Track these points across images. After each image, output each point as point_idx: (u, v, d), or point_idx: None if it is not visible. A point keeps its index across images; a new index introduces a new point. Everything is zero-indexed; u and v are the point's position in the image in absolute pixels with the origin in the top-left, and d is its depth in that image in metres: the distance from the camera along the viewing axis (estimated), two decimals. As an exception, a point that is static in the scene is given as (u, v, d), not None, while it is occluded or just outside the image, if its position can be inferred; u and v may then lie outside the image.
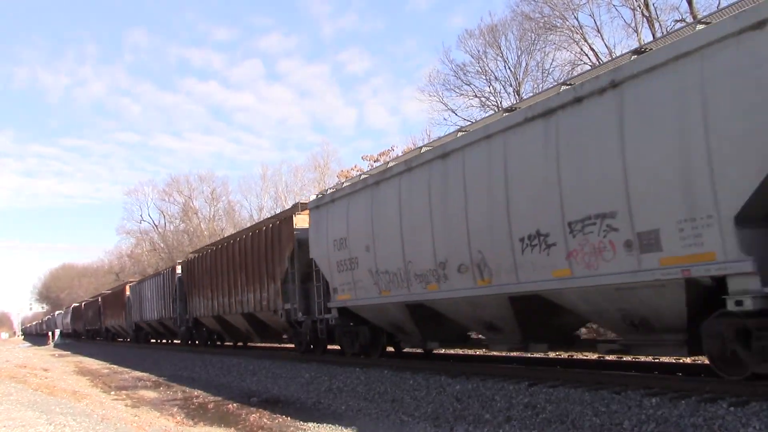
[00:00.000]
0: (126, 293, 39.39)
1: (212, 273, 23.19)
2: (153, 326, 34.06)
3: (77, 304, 67.33)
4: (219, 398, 13.38)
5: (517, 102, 10.36)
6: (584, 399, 7.77)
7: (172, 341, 34.14)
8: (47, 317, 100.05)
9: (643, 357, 10.97)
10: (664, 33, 23.29)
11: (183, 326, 27.87)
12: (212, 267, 23.25)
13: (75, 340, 63.42)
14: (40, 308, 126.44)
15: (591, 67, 9.16)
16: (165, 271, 31.11)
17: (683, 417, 6.50)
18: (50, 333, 69.86)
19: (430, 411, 9.12)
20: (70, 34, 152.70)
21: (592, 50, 26.99)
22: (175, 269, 28.62)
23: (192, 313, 26.13)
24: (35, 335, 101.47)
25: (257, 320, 19.86)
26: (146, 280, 35.42)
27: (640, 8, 25.04)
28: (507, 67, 31.47)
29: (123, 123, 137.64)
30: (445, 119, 34.04)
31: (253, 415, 10.77)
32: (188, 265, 26.94)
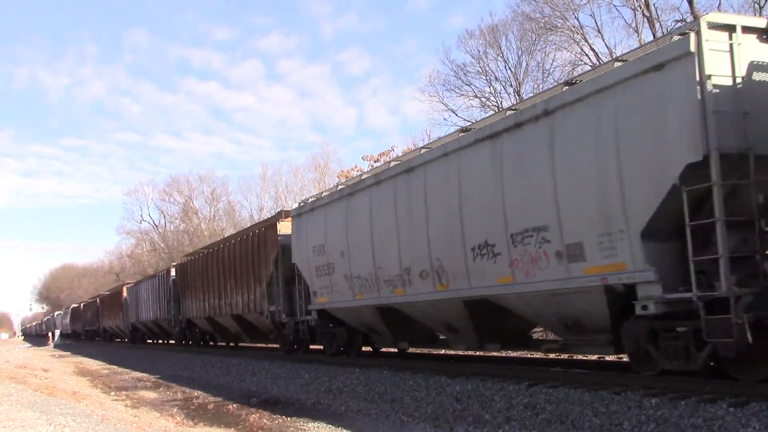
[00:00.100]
0: (123, 295, 40.36)
1: (204, 276, 24.17)
2: (149, 327, 35.07)
3: (76, 305, 68.16)
4: (219, 399, 13.52)
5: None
6: (584, 399, 7.79)
7: (168, 341, 35.11)
8: (47, 318, 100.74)
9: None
10: (665, 33, 23.96)
11: (177, 327, 28.88)
12: (204, 270, 24.23)
13: (74, 341, 64.16)
14: (40, 309, 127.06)
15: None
16: (160, 274, 32.12)
17: (683, 417, 6.52)
18: (50, 333, 70.27)
19: (430, 411, 9.18)
20: (70, 34, 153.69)
21: (593, 50, 26.98)
22: (170, 272, 29.62)
23: (185, 315, 27.16)
24: (35, 336, 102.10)
25: (246, 321, 20.83)
26: (142, 282, 36.42)
27: (641, 8, 25.08)
28: (507, 68, 31.38)
29: (123, 123, 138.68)
30: (446, 119, 33.70)
31: (253, 416, 10.84)
32: (182, 268, 28.00)
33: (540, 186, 8.74)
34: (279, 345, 19.30)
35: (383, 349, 16.07)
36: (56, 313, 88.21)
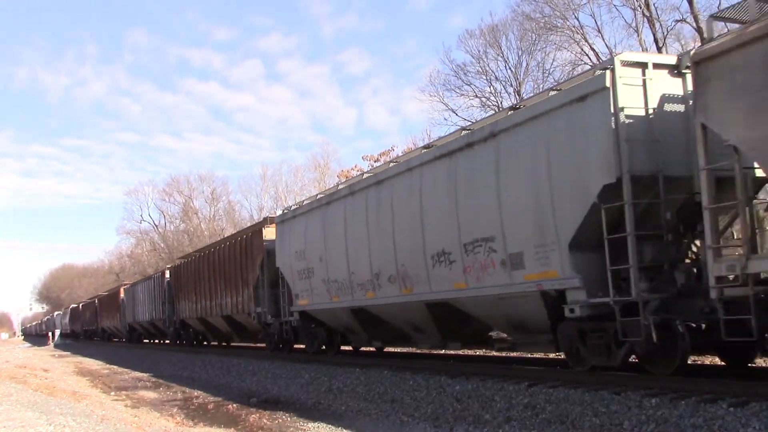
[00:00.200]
0: (120, 295, 41.37)
1: (196, 278, 25.19)
2: (145, 327, 36.09)
3: (75, 306, 69.01)
4: (219, 399, 13.53)
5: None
6: (584, 399, 7.79)
7: (164, 341, 36.08)
8: (47, 318, 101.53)
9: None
10: (665, 33, 24.60)
11: (171, 327, 29.90)
12: (196, 272, 25.25)
13: (74, 341, 64.95)
14: (40, 308, 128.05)
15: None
16: (155, 275, 33.16)
17: (683, 417, 6.53)
18: (50, 333, 70.92)
19: (430, 411, 9.22)
20: (70, 34, 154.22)
21: (593, 50, 27.37)
22: (165, 274, 30.66)
23: (179, 315, 28.22)
24: (35, 335, 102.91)
25: (235, 322, 21.83)
26: (139, 284, 37.46)
27: (641, 8, 25.56)
28: (507, 67, 31.82)
29: (123, 123, 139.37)
30: (446, 119, 34.11)
31: (253, 416, 10.85)
32: (176, 270, 29.09)
33: (487, 201, 9.70)
34: (265, 344, 20.28)
35: (362, 349, 17.03)
36: (56, 313, 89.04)
